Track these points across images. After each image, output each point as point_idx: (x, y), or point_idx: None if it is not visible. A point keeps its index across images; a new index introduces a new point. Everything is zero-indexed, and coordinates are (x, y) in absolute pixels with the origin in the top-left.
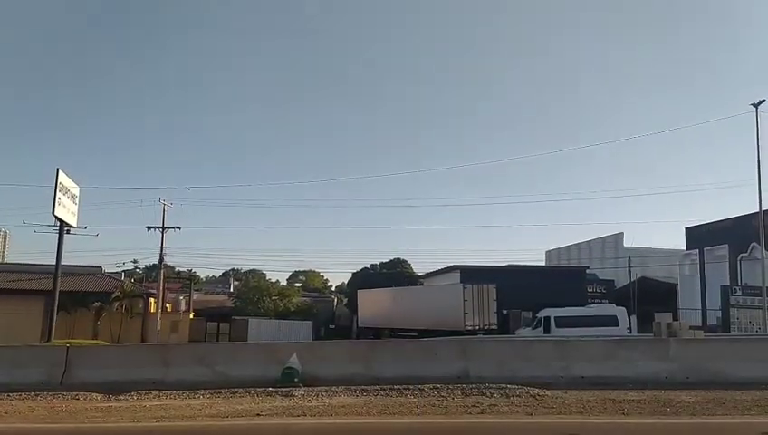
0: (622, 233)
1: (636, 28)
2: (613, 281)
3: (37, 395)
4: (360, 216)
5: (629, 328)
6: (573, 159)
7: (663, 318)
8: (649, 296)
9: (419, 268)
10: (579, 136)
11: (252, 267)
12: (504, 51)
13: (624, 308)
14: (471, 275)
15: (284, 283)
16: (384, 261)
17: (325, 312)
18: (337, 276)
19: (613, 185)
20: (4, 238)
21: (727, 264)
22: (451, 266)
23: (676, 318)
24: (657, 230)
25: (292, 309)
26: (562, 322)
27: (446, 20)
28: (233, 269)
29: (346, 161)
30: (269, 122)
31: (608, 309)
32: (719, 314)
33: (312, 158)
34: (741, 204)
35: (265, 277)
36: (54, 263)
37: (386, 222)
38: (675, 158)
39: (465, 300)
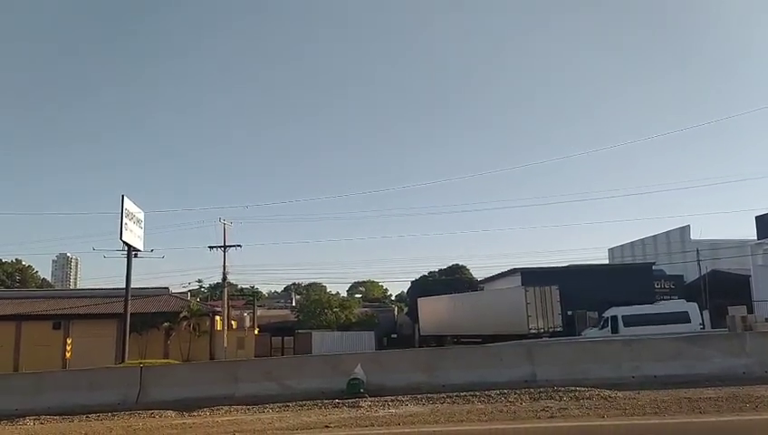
0: (689, 226)
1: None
2: (682, 276)
3: (114, 415)
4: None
5: (702, 324)
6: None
7: (737, 311)
8: (722, 290)
9: (478, 273)
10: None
11: (312, 281)
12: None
13: (695, 303)
14: (532, 277)
15: (344, 294)
16: (442, 268)
17: (386, 321)
18: (396, 285)
19: (674, 177)
20: (76, 265)
21: None
22: (511, 270)
23: (751, 311)
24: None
25: (354, 320)
26: (631, 320)
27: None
28: (294, 283)
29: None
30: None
31: (678, 305)
32: None
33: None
34: None
35: (326, 290)
36: (124, 286)
37: (443, 229)
38: (735, 146)
39: (527, 303)
